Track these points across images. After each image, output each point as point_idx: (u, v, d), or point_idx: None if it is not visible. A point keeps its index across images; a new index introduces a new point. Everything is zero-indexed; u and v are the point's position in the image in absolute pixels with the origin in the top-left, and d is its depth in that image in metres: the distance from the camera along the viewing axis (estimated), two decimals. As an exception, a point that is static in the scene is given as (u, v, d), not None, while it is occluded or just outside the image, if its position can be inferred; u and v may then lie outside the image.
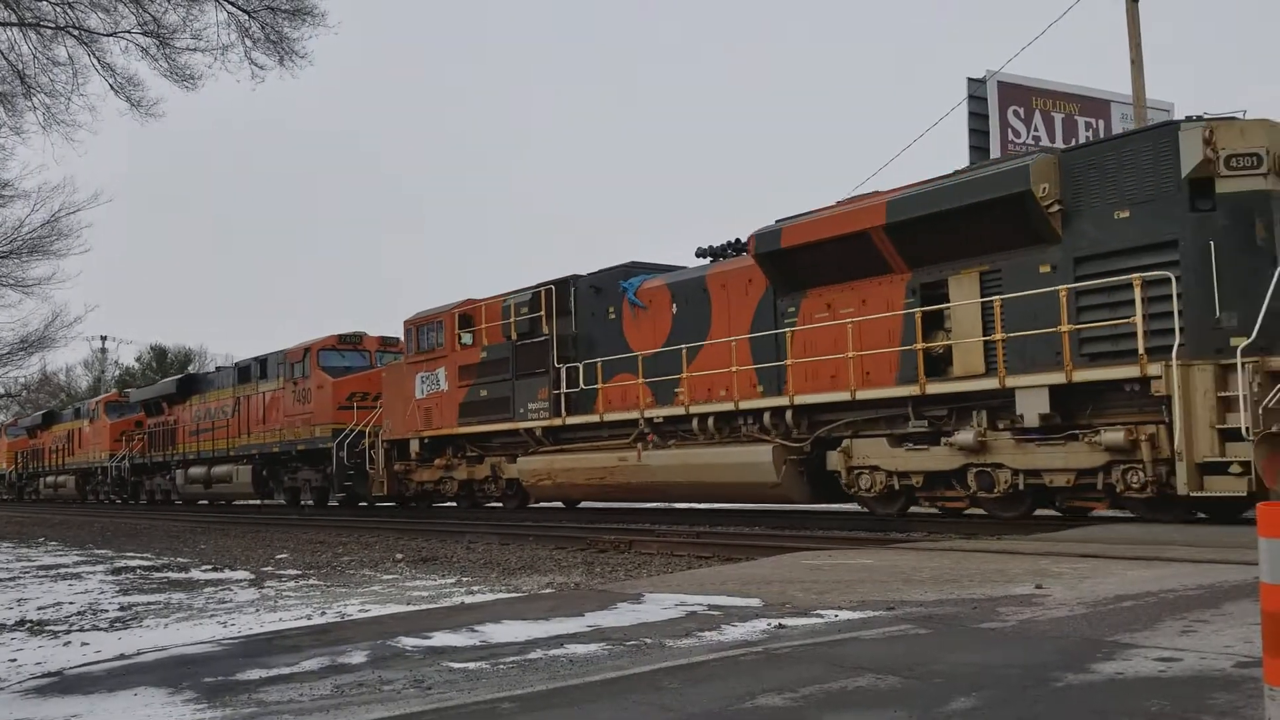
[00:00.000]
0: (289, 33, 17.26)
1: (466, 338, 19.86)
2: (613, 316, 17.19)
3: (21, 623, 8.05)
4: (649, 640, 5.09)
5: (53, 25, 17.39)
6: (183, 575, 11.74)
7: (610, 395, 16.90)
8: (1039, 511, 12.44)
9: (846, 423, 13.71)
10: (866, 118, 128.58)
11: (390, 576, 10.78)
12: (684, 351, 15.47)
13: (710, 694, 3.90)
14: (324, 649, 5.26)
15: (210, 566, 12.76)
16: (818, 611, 5.72)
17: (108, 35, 17.51)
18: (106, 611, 8.56)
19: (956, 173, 12.83)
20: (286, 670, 4.77)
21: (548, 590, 8.92)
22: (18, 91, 18.28)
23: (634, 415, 16.22)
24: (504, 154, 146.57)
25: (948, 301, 12.62)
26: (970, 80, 23.21)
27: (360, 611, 7.70)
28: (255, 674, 4.71)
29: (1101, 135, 24.60)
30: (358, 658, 4.99)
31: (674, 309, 16.12)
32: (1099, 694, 3.63)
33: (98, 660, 5.63)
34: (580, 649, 4.93)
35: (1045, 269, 11.75)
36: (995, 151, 23.05)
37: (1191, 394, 10.25)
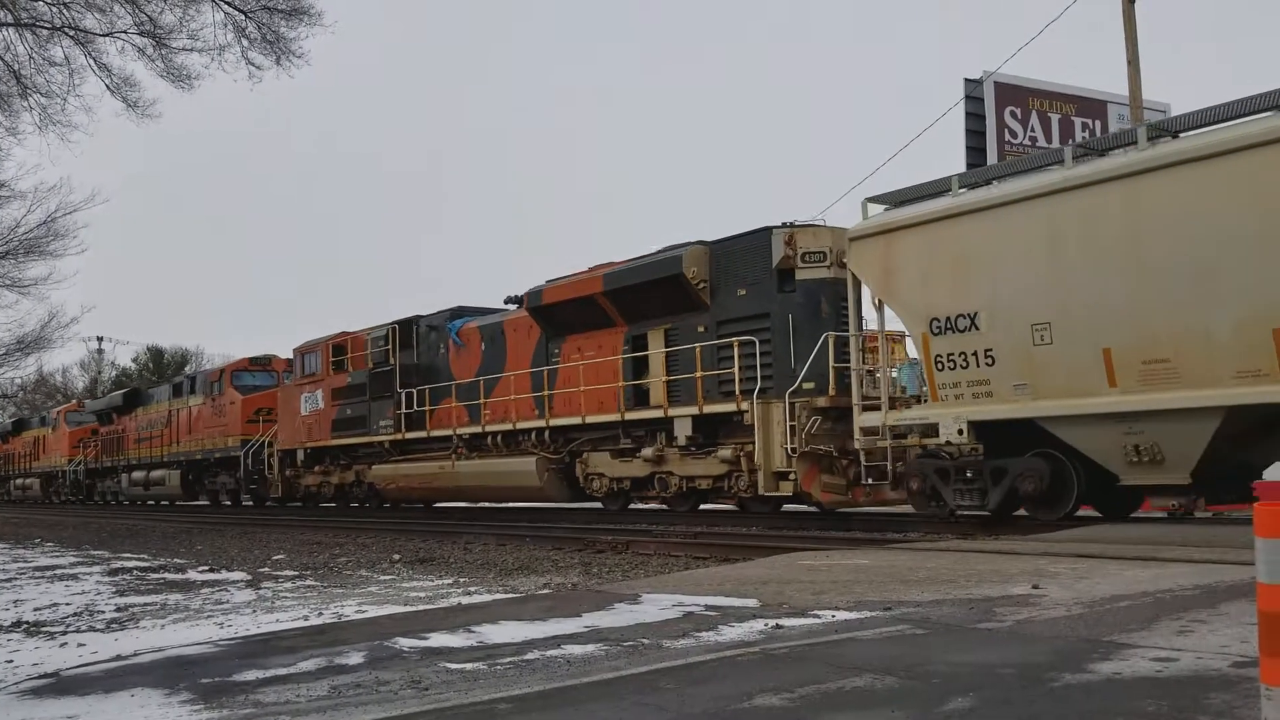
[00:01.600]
0: (286, 33, 17.21)
1: (338, 365, 23.67)
2: (442, 351, 20.91)
3: (18, 624, 8.03)
4: (646, 641, 5.09)
5: (48, 25, 17.35)
6: (179, 576, 11.73)
7: (438, 416, 20.47)
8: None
9: (586, 440, 17.46)
10: (867, 117, 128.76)
11: (387, 577, 10.78)
12: (482, 383, 19.28)
13: (708, 694, 3.90)
14: (321, 650, 5.26)
15: (207, 567, 12.75)
16: (815, 612, 5.72)
17: (104, 35, 17.47)
18: (103, 612, 8.55)
19: (646, 255, 16.40)
20: (283, 671, 4.76)
21: (545, 591, 8.92)
22: (13, 92, 18.24)
23: (449, 432, 20.01)
24: (505, 155, 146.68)
25: (649, 350, 16.51)
26: (967, 81, 23.21)
27: (357, 612, 7.69)
28: (252, 675, 4.71)
29: (1098, 135, 24.65)
30: (355, 658, 4.98)
31: (483, 347, 19.89)
32: (1096, 694, 3.63)
33: (94, 661, 5.62)
34: (577, 650, 4.93)
35: (701, 329, 15.52)
36: (992, 152, 23.07)
37: (770, 423, 14.11)
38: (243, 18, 17.02)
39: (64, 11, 17.12)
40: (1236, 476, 10.03)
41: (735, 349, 14.55)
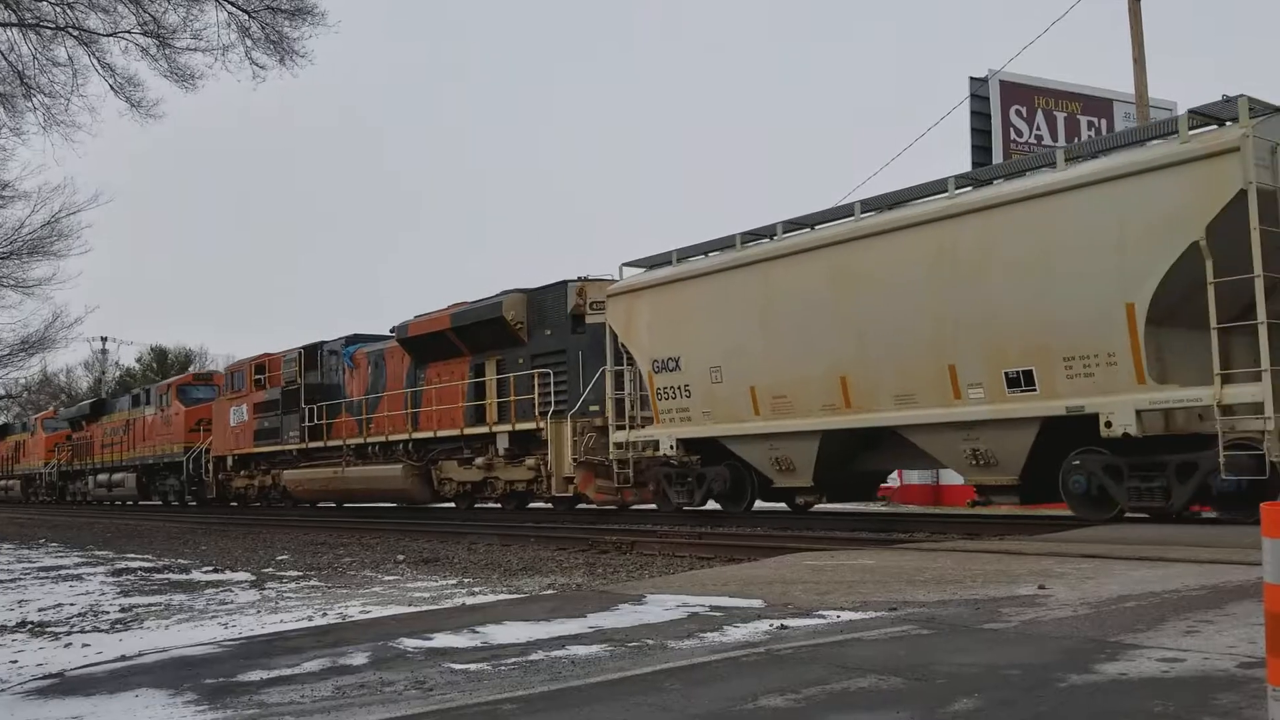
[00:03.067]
0: (289, 32, 17.24)
1: (259, 383, 27.04)
2: (339, 373, 24.50)
3: (23, 624, 8.04)
4: (651, 641, 5.08)
5: (52, 26, 17.37)
6: (184, 577, 11.74)
7: (335, 428, 23.85)
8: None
9: (440, 450, 20.95)
10: (870, 118, 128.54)
11: (392, 578, 10.78)
12: (367, 401, 23.03)
13: (712, 695, 3.89)
14: (325, 650, 5.25)
15: (211, 568, 12.77)
16: (820, 612, 5.70)
17: (107, 35, 17.49)
18: (107, 613, 8.56)
19: (482, 299, 19.75)
20: (288, 671, 4.76)
21: (549, 591, 8.91)
22: (17, 92, 18.27)
23: (340, 443, 23.49)
24: (505, 154, 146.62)
25: (485, 377, 19.86)
26: (972, 79, 23.17)
27: (361, 613, 7.69)
28: (256, 675, 4.70)
29: (1104, 134, 24.59)
30: (359, 659, 4.98)
31: (369, 370, 23.38)
32: (1102, 694, 3.61)
33: (99, 662, 5.62)
34: (582, 650, 4.92)
35: (520, 361, 18.95)
36: (997, 151, 23.01)
37: (561, 439, 17.60)
38: (246, 17, 17.04)
39: (68, 11, 17.15)
40: (850, 482, 15.35)
41: (534, 380, 18.24)
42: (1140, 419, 10.45)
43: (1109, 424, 10.62)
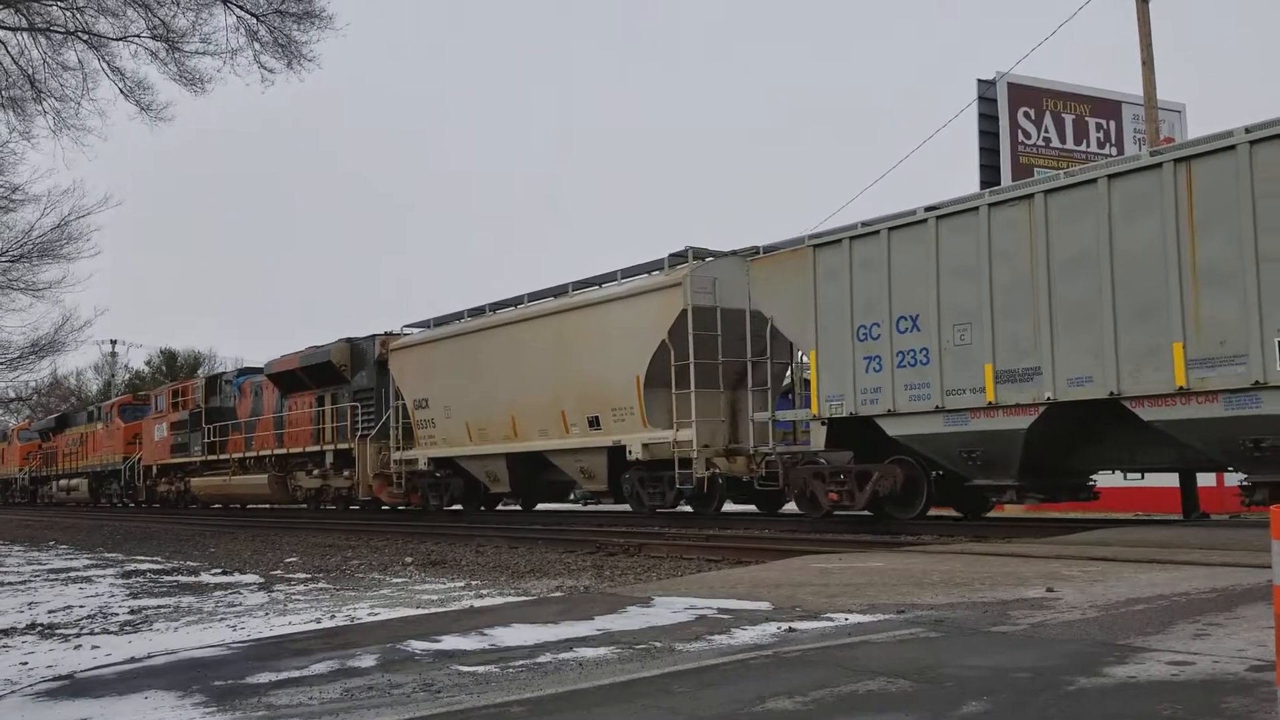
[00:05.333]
0: (297, 36, 17.27)
1: (175, 405, 32.52)
2: (233, 399, 29.73)
3: (33, 626, 8.07)
4: (658, 644, 5.08)
5: (62, 30, 17.43)
6: (192, 579, 11.76)
7: (228, 444, 29.21)
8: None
9: (296, 463, 26.28)
10: (876, 120, 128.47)
11: (399, 580, 10.78)
12: (248, 423, 28.31)
13: (720, 698, 3.89)
14: (333, 652, 5.26)
15: (220, 570, 12.79)
16: (828, 615, 5.70)
17: (117, 39, 17.54)
18: (117, 615, 8.58)
19: (320, 346, 24.80)
20: (296, 674, 4.77)
21: (557, 594, 8.91)
22: (28, 96, 18.32)
23: (228, 457, 29.04)
24: (506, 154, 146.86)
25: (324, 407, 24.96)
26: (980, 82, 23.12)
27: (369, 615, 7.70)
28: (265, 677, 4.72)
29: (1112, 137, 24.51)
30: (367, 661, 4.98)
31: (252, 398, 28.57)
32: (1111, 697, 3.60)
33: (108, 663, 5.63)
34: (590, 652, 4.92)
35: (346, 395, 24.02)
36: (1006, 152, 22.97)
37: (365, 456, 22.69)
38: (255, 21, 17.08)
39: (77, 16, 17.21)
40: (541, 490, 21.59)
41: (348, 411, 23.72)
42: (646, 449, 16.24)
43: (631, 452, 16.42)
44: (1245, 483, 9.92)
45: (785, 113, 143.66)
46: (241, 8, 16.93)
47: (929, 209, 11.92)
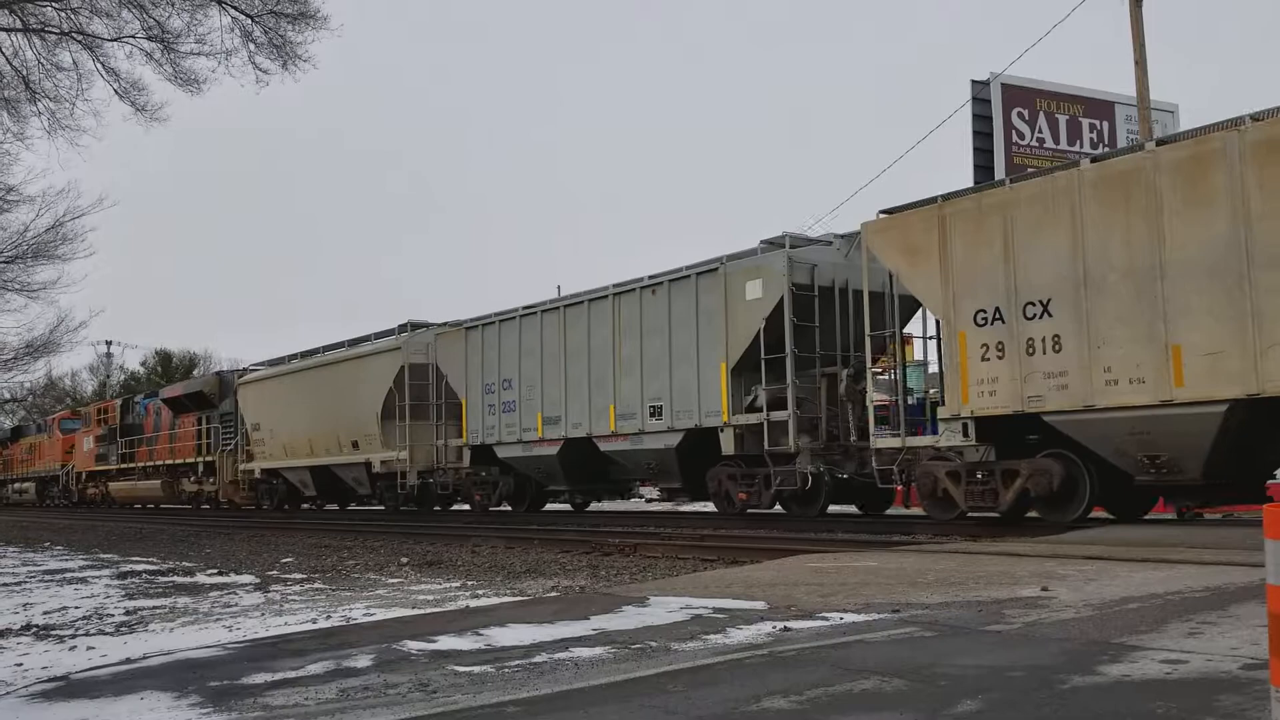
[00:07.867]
0: (292, 36, 17.28)
1: (99, 421, 39.43)
2: (142, 417, 35.86)
3: (28, 627, 8.05)
4: (654, 643, 5.09)
5: (57, 31, 17.41)
6: (188, 579, 11.75)
7: (138, 455, 35.63)
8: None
9: (181, 471, 32.64)
10: (872, 121, 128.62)
11: (395, 580, 10.78)
12: (150, 437, 34.58)
13: (716, 697, 3.90)
14: (329, 653, 5.26)
15: (215, 571, 12.77)
16: (823, 614, 5.71)
17: (112, 40, 17.53)
18: (112, 616, 8.57)
19: (198, 377, 36.00)
20: (292, 674, 4.77)
21: (553, 594, 8.92)
22: (22, 97, 18.30)
23: (135, 465, 35.72)
24: (507, 154, 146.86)
25: (202, 426, 31.54)
26: (974, 82, 23.13)
27: (365, 615, 7.70)
28: (261, 678, 4.72)
29: (1105, 137, 24.55)
30: (363, 661, 4.99)
31: (155, 417, 34.72)
32: (1105, 696, 3.62)
33: (103, 664, 5.63)
34: (585, 652, 4.93)
35: (215, 418, 30.51)
36: (1000, 154, 22.99)
37: (223, 467, 30.26)
38: (249, 22, 17.08)
39: (72, 17, 17.19)
40: (338, 494, 27.40)
41: (215, 431, 30.41)
42: (384, 463, 22.54)
43: (373, 465, 23.02)
44: None
45: (785, 113, 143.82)
46: (236, 8, 16.94)
47: None
